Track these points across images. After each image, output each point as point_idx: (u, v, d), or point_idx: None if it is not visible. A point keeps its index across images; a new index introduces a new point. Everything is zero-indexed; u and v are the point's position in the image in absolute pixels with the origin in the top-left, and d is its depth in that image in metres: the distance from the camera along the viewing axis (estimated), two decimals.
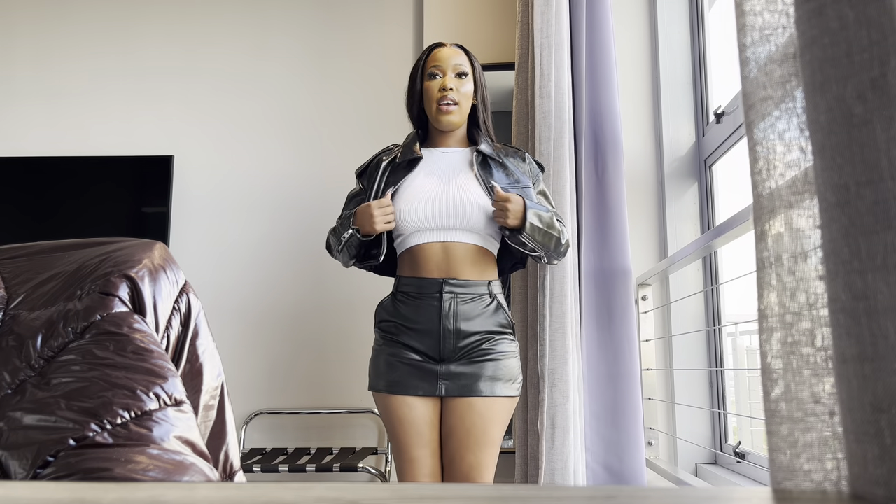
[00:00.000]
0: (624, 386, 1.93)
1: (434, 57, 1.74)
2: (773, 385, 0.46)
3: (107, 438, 0.55)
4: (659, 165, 2.32)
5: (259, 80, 2.77)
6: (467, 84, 1.72)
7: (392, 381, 1.63)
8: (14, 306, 0.68)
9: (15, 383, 0.60)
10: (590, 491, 0.41)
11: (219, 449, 0.77)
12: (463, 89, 1.71)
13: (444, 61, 1.72)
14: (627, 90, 2.35)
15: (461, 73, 1.72)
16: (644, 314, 2.16)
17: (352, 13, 2.80)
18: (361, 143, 2.67)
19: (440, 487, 0.41)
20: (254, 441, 2.54)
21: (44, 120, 2.81)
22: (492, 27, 2.63)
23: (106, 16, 2.86)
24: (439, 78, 1.71)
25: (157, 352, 0.64)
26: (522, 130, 2.20)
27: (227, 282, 2.64)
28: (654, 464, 2.00)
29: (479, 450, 1.59)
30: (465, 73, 1.72)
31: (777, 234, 0.46)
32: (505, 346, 1.66)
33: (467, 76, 1.73)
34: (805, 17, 0.42)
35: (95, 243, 0.77)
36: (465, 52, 1.76)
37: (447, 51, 1.74)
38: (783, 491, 0.43)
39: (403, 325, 1.65)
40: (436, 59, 1.73)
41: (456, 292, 1.64)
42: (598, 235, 2.01)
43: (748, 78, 0.48)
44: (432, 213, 1.64)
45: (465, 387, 1.60)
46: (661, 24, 2.36)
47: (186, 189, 2.70)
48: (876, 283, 0.38)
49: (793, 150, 0.45)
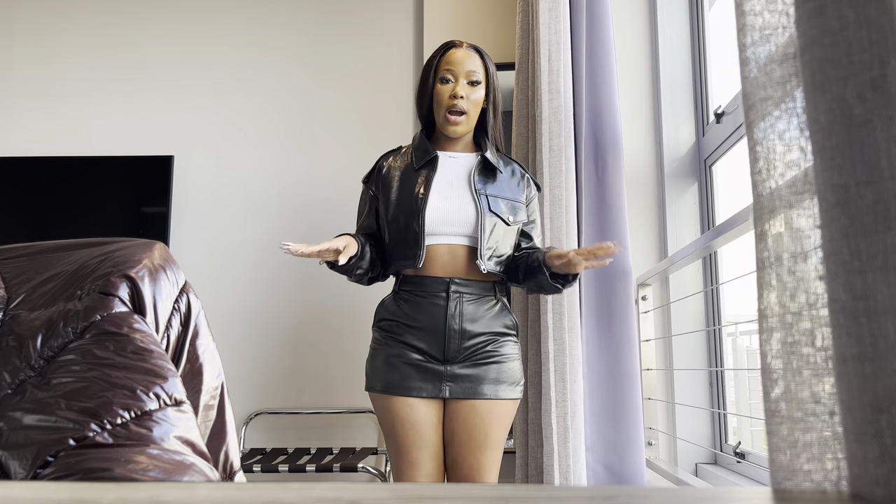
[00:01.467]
0: (624, 386, 1.93)
1: (448, 59, 1.70)
2: (773, 385, 0.46)
3: (107, 438, 0.55)
4: (659, 165, 2.32)
5: (259, 80, 2.77)
6: (479, 91, 1.70)
7: (392, 382, 1.61)
8: (14, 306, 0.68)
9: (15, 383, 0.60)
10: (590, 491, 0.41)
11: (219, 449, 0.77)
12: (473, 97, 1.69)
13: (458, 66, 1.69)
14: (627, 90, 2.35)
15: (474, 82, 1.69)
16: (644, 314, 2.16)
17: (352, 13, 2.80)
18: (362, 143, 2.67)
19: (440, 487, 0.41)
20: (254, 441, 2.54)
21: (44, 120, 2.81)
22: (492, 27, 2.63)
23: (106, 16, 2.86)
24: (451, 83, 1.69)
25: (157, 352, 0.64)
26: (522, 130, 2.20)
27: (227, 282, 2.64)
28: (654, 464, 2.00)
29: (481, 452, 1.59)
30: (478, 81, 1.70)
31: (777, 234, 0.46)
32: (509, 349, 1.65)
33: (479, 84, 1.70)
34: (805, 17, 0.42)
35: (95, 243, 0.77)
36: (480, 56, 1.73)
37: (462, 54, 1.70)
38: (783, 491, 0.43)
39: (406, 324, 1.64)
40: (449, 63, 1.70)
41: (462, 292, 1.63)
42: (598, 235, 2.01)
43: (748, 78, 0.48)
44: (436, 221, 1.64)
45: (469, 389, 1.60)
46: (661, 24, 2.36)
47: (186, 189, 2.70)
48: (876, 283, 0.38)
49: (793, 150, 0.45)
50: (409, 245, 1.64)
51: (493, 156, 1.73)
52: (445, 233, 1.65)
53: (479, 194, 1.66)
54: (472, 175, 1.69)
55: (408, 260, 1.65)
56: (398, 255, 1.67)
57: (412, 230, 1.64)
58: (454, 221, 1.64)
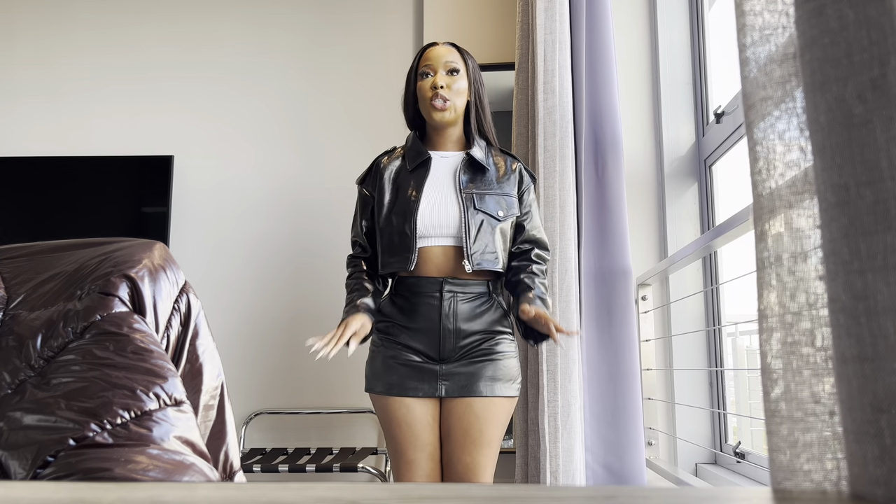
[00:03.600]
0: (624, 386, 1.93)
1: (426, 56, 1.73)
2: (773, 385, 0.46)
3: (107, 438, 0.55)
4: (659, 165, 2.32)
5: (259, 80, 2.77)
6: (460, 81, 1.71)
7: (390, 383, 1.62)
8: (14, 306, 0.68)
9: (15, 383, 0.60)
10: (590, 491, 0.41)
11: (219, 449, 0.77)
12: (455, 86, 1.70)
13: (436, 59, 1.71)
14: (627, 90, 2.35)
15: (452, 70, 1.70)
16: (644, 314, 2.16)
17: (352, 13, 2.80)
18: (362, 143, 2.67)
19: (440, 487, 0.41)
20: (254, 441, 2.54)
21: (44, 119, 2.81)
22: (492, 27, 2.63)
23: (106, 16, 2.86)
24: (431, 77, 1.70)
25: (157, 352, 0.64)
26: (522, 130, 2.20)
27: (227, 281, 2.64)
28: (654, 464, 2.00)
29: (476, 451, 1.59)
30: (457, 69, 1.71)
31: (777, 234, 0.46)
32: (505, 346, 1.66)
33: (459, 73, 1.71)
34: (805, 17, 0.42)
35: (95, 243, 0.77)
36: (457, 49, 1.75)
37: (439, 49, 1.73)
38: (783, 491, 0.43)
39: (401, 326, 1.65)
40: (427, 59, 1.72)
41: (456, 291, 1.63)
42: (598, 235, 2.01)
43: (748, 78, 0.48)
44: (427, 224, 1.64)
45: (465, 387, 1.60)
46: (661, 24, 2.36)
47: (186, 189, 2.70)
48: (876, 283, 0.38)
49: (793, 150, 0.45)
50: (402, 248, 1.65)
51: (481, 151, 1.73)
52: (436, 234, 1.65)
53: (464, 193, 1.66)
54: (457, 174, 1.69)
55: (400, 263, 1.65)
56: (391, 257, 1.68)
57: (405, 233, 1.64)
58: (442, 223, 1.64)
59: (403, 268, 1.64)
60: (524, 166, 1.79)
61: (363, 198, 1.78)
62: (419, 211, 1.64)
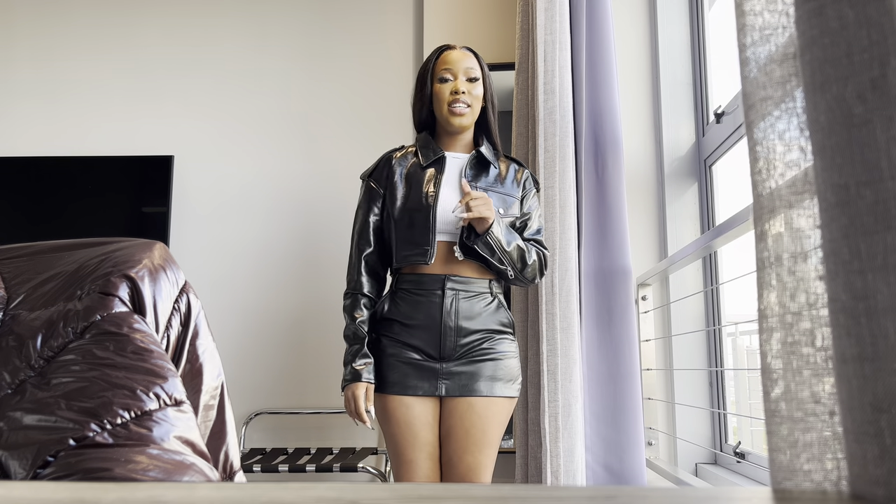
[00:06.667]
0: (624, 386, 1.93)
1: (445, 59, 1.74)
2: (773, 385, 0.46)
3: (107, 438, 0.55)
4: (659, 165, 2.32)
5: (259, 80, 2.77)
6: (478, 87, 1.74)
7: (390, 382, 1.62)
8: (14, 306, 0.68)
9: (15, 383, 0.60)
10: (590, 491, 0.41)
11: (219, 449, 0.77)
12: (475, 92, 1.73)
13: (455, 64, 1.72)
14: (627, 90, 2.35)
15: (472, 78, 1.73)
16: (644, 314, 2.16)
17: (352, 12, 2.80)
18: (362, 143, 2.67)
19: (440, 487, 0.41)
20: (254, 441, 2.54)
21: (43, 120, 2.81)
22: (492, 27, 2.63)
23: (106, 16, 2.86)
24: (451, 81, 1.72)
25: (157, 352, 0.64)
26: (522, 130, 2.20)
27: (227, 282, 2.64)
28: (654, 464, 2.00)
29: (478, 451, 1.59)
30: (476, 77, 1.73)
31: (777, 234, 0.46)
32: (505, 346, 1.66)
33: (478, 80, 1.74)
34: (805, 17, 0.42)
35: (95, 243, 0.77)
36: (475, 56, 1.77)
37: (457, 54, 1.75)
38: (783, 491, 0.43)
39: (403, 323, 1.65)
40: (446, 62, 1.73)
41: (458, 289, 1.64)
42: (598, 235, 2.01)
43: (748, 78, 0.48)
44: (442, 220, 1.65)
45: (465, 386, 1.60)
46: (661, 24, 2.36)
47: (186, 189, 2.70)
48: (876, 283, 0.38)
49: (793, 150, 0.45)
50: (419, 242, 1.65)
51: (489, 151, 1.75)
52: (444, 231, 1.66)
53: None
54: (463, 171, 1.72)
55: (417, 256, 1.65)
56: (406, 251, 1.67)
57: (423, 227, 1.65)
58: (449, 220, 1.65)
59: (423, 261, 1.64)
60: (532, 174, 1.82)
61: (370, 191, 1.77)
62: (438, 206, 1.65)
